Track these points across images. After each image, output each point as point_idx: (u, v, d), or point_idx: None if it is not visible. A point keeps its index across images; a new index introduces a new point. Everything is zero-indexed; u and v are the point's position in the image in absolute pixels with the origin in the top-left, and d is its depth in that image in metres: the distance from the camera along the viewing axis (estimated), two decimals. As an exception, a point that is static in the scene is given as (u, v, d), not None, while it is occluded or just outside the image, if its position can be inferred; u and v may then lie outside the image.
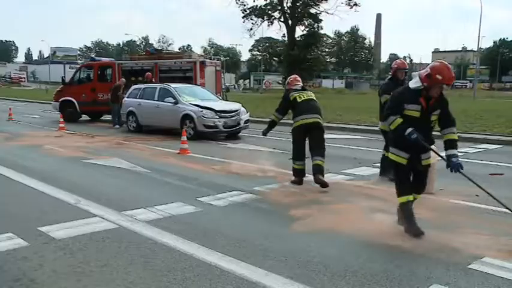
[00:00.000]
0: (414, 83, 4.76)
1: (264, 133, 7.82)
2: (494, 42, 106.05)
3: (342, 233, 5.02)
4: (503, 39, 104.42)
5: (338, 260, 4.28)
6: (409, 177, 5.02)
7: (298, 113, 7.32)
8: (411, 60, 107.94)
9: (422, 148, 4.82)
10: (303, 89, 7.72)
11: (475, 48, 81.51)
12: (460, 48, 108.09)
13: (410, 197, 4.96)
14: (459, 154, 4.88)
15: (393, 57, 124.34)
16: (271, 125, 7.73)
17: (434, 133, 4.98)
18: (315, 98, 7.49)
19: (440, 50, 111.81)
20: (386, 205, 6.11)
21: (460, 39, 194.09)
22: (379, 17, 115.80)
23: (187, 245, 4.57)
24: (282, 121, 7.74)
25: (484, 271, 4.04)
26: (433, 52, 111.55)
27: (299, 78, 7.94)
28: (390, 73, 8.08)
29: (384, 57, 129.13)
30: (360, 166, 9.04)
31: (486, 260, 4.25)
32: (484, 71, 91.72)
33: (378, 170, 8.67)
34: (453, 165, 4.68)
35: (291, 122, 7.45)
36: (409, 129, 4.70)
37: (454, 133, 4.83)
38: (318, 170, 7.07)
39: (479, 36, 53.45)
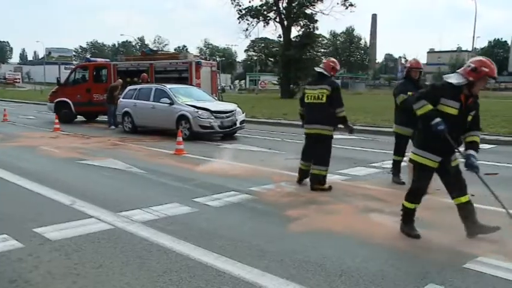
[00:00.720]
0: (456, 79, 4.59)
1: (303, 126, 7.58)
2: (489, 42, 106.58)
3: (338, 233, 5.02)
4: (498, 39, 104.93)
5: (334, 260, 4.28)
6: (429, 184, 4.92)
7: (304, 118, 7.25)
8: (406, 61, 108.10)
9: (450, 147, 4.69)
10: (320, 79, 7.10)
11: (470, 49, 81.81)
12: (455, 49, 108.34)
13: (418, 205, 4.92)
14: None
15: (388, 57, 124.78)
16: (301, 118, 7.53)
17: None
18: (322, 100, 6.91)
19: (436, 50, 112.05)
20: (383, 205, 6.15)
21: (455, 39, 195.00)
22: (374, 17, 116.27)
23: (183, 246, 4.56)
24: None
25: (479, 270, 4.05)
26: (428, 52, 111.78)
27: (332, 63, 7.16)
28: (404, 73, 7.80)
29: (380, 58, 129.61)
30: (355, 166, 9.04)
31: (481, 260, 4.26)
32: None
33: (373, 170, 8.71)
34: (470, 165, 4.59)
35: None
36: (438, 119, 4.53)
37: (478, 136, 4.76)
38: (312, 179, 7.06)
39: (473, 37, 53.69)
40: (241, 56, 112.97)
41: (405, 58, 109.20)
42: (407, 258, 4.39)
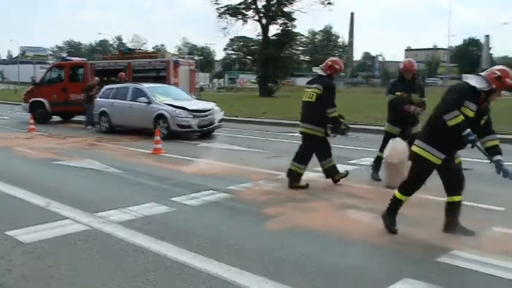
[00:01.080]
0: (479, 83, 4.55)
1: None
2: (464, 40, 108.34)
3: (316, 230, 5.04)
4: (472, 38, 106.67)
5: (312, 257, 4.31)
6: (426, 179, 4.92)
7: None
8: (383, 58, 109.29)
9: (456, 147, 4.73)
10: (316, 78, 7.10)
11: (446, 46, 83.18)
12: (431, 46, 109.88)
13: (408, 199, 4.97)
14: None
15: (366, 55, 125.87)
16: None
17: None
18: (312, 99, 6.91)
19: (413, 48, 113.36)
20: (360, 202, 6.20)
21: (431, 37, 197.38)
22: (352, 15, 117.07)
23: (160, 246, 4.52)
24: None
25: (452, 264, 4.14)
26: (406, 50, 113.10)
27: (330, 62, 7.11)
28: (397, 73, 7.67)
29: (358, 56, 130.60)
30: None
31: (456, 253, 4.34)
32: (453, 69, 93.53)
33: (351, 167, 8.74)
34: (504, 171, 4.57)
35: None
36: (469, 129, 4.49)
37: (497, 139, 4.76)
38: (289, 175, 7.09)
39: (448, 35, 54.57)
40: (219, 55, 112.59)
41: (382, 56, 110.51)
42: (384, 254, 4.44)
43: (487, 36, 64.34)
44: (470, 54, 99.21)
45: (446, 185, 4.94)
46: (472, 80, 4.61)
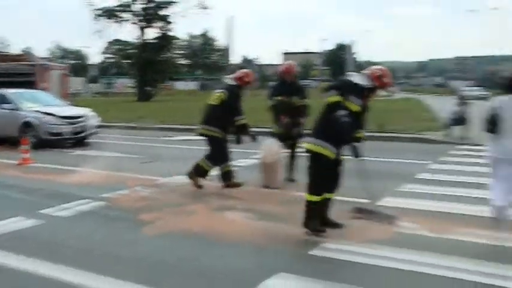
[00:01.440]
0: (361, 81, 4.83)
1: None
2: (337, 44, 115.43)
3: (193, 233, 5.05)
4: (341, 43, 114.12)
5: (191, 260, 4.32)
6: (330, 175, 5.01)
7: None
8: (260, 62, 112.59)
9: (343, 142, 4.92)
10: (226, 85, 7.24)
11: (319, 50, 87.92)
12: (305, 50, 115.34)
13: (327, 195, 5.04)
14: None
15: (244, 58, 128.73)
16: None
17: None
18: (216, 102, 7.03)
19: (289, 51, 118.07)
20: (236, 203, 6.32)
21: (307, 41, 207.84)
22: (230, 19, 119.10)
23: (25, 263, 4.21)
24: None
25: (323, 255, 4.40)
26: (284, 54, 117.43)
27: (241, 74, 7.20)
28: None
29: (236, 59, 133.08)
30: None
31: (326, 245, 4.63)
32: (325, 72, 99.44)
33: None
34: (356, 153, 4.90)
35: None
36: (344, 111, 4.68)
37: (363, 133, 5.04)
38: (195, 169, 7.10)
39: (320, 40, 57.95)
40: (95, 59, 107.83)
41: (259, 60, 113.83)
42: (260, 252, 4.57)
43: (351, 41, 69.66)
44: (339, 58, 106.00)
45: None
46: (355, 77, 4.96)
